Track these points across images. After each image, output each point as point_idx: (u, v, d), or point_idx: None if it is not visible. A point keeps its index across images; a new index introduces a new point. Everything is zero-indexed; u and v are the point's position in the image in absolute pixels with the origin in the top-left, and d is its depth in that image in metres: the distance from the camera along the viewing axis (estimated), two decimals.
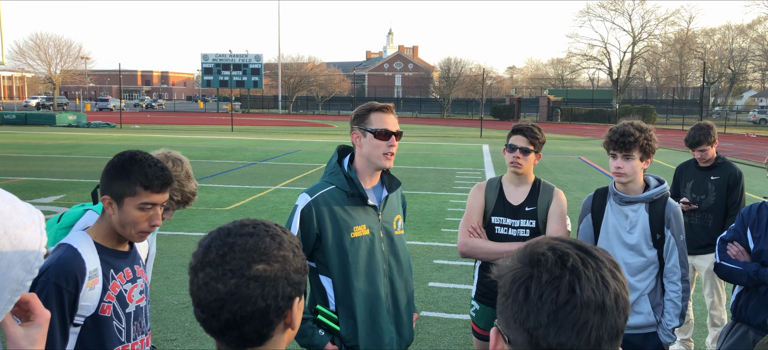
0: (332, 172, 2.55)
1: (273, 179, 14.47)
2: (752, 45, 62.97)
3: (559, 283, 0.89)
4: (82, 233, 2.00)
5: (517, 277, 0.93)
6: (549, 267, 0.91)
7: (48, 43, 60.38)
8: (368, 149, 2.49)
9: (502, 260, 1.00)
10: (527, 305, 0.90)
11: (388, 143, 2.47)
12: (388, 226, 2.59)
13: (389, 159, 2.50)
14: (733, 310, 3.06)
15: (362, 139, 2.50)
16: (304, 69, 72.04)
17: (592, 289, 0.89)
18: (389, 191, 2.61)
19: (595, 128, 43.21)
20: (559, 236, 0.99)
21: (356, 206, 2.50)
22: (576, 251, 0.94)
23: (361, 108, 2.55)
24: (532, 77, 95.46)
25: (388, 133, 2.47)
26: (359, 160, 2.54)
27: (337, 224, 2.46)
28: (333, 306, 2.51)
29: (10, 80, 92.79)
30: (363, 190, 2.49)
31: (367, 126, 2.48)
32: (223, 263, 1.11)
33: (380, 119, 2.48)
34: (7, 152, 20.07)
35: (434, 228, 9.27)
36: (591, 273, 0.91)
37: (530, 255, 0.94)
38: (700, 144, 4.60)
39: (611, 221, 3.06)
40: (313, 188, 2.53)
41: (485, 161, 19.84)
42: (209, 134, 31.56)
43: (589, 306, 0.89)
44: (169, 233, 8.56)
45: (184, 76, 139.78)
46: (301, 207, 2.47)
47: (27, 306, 1.14)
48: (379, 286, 2.53)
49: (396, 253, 2.61)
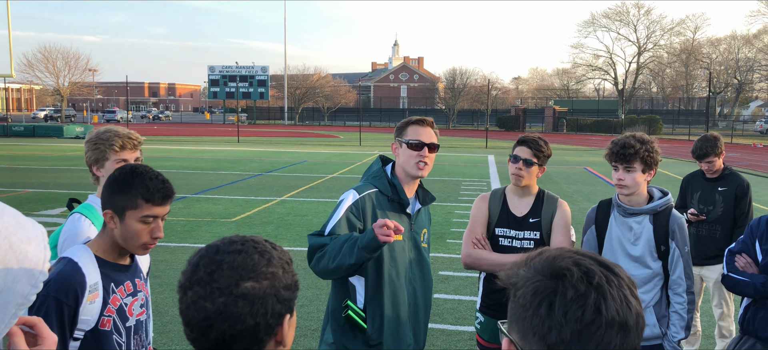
0: (376, 176, 2.69)
1: (279, 190, 14.48)
2: (758, 55, 62.76)
3: (584, 302, 0.88)
4: (83, 246, 2.00)
5: (540, 290, 0.91)
6: (574, 282, 0.90)
7: (56, 55, 60.99)
8: (404, 158, 2.65)
9: (513, 268, 0.98)
10: (550, 320, 0.89)
11: (420, 153, 2.62)
12: (417, 237, 2.73)
13: (421, 169, 2.63)
14: (740, 322, 3.03)
15: (399, 149, 2.68)
16: (310, 80, 72.31)
17: (617, 309, 0.88)
18: (422, 205, 2.76)
19: (600, 139, 43.10)
20: (578, 249, 0.98)
21: (394, 212, 2.64)
22: (600, 268, 0.92)
23: (402, 121, 2.74)
24: (537, 88, 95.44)
25: (421, 144, 2.63)
26: (398, 169, 2.70)
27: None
28: (361, 304, 2.59)
29: (18, 92, 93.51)
30: (405, 196, 2.64)
31: (403, 137, 2.66)
32: (211, 281, 1.10)
33: (416, 131, 2.65)
34: (15, 163, 20.19)
35: (439, 239, 9.25)
36: (615, 293, 0.90)
37: (552, 268, 0.92)
38: (708, 156, 4.58)
39: (615, 233, 3.05)
40: (359, 187, 2.65)
41: (491, 171, 19.82)
42: (215, 145, 31.67)
43: (613, 326, 0.88)
44: (175, 244, 8.58)
45: (190, 87, 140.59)
46: (351, 201, 2.58)
47: (35, 329, 1.14)
48: (404, 291, 2.66)
49: (421, 264, 2.75)
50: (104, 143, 2.54)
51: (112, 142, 2.54)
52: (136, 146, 2.64)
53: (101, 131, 2.61)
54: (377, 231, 2.33)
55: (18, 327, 1.11)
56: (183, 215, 10.96)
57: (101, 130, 2.62)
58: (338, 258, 2.41)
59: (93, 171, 2.59)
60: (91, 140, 2.58)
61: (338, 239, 2.46)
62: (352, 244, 2.40)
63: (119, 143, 2.54)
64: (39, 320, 1.14)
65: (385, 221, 2.32)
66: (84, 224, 2.36)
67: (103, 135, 2.57)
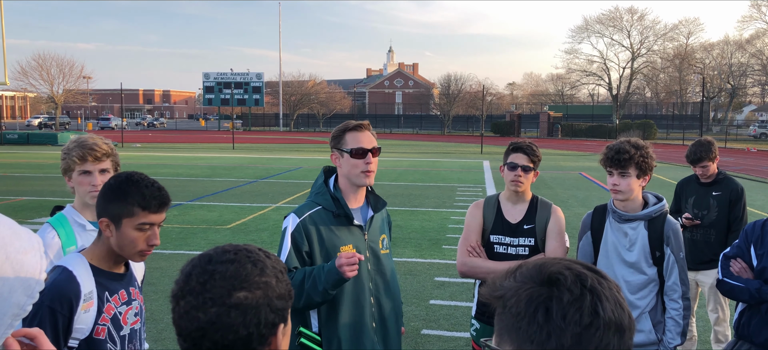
0: (318, 192, 2.56)
1: (274, 196, 14.46)
2: (751, 60, 63.18)
3: (581, 304, 0.88)
4: (78, 255, 1.99)
5: (534, 297, 0.90)
6: (569, 286, 0.89)
7: (50, 62, 60.66)
8: (347, 168, 2.51)
9: (496, 280, 0.96)
10: (549, 325, 0.87)
11: (365, 161, 2.49)
12: (374, 245, 2.60)
13: (368, 176, 2.51)
14: (735, 327, 3.03)
15: (340, 159, 2.53)
16: (305, 87, 72.39)
17: (612, 310, 0.88)
18: (374, 211, 2.63)
19: (595, 144, 43.23)
20: (561, 257, 0.98)
21: (342, 226, 2.51)
22: (590, 272, 0.92)
23: (337, 129, 2.58)
24: (532, 93, 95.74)
25: (364, 151, 2.48)
26: (342, 180, 2.56)
27: (324, 245, 2.46)
28: (315, 328, 2.48)
29: (12, 100, 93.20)
30: (349, 210, 2.51)
31: (343, 146, 2.51)
32: (203, 291, 1.09)
33: (355, 138, 2.50)
34: (9, 171, 20.09)
35: (435, 245, 9.25)
36: (609, 294, 0.90)
37: (543, 274, 0.92)
38: (702, 160, 4.60)
39: (611, 238, 3.06)
40: (300, 209, 2.52)
41: (486, 177, 19.83)
42: (211, 152, 31.62)
43: (610, 327, 0.88)
44: (170, 251, 8.55)
45: (185, 94, 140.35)
46: (291, 229, 2.46)
47: (35, 341, 1.14)
48: (364, 306, 2.52)
49: (382, 272, 2.63)
50: (68, 154, 2.54)
51: (73, 153, 2.52)
52: (100, 158, 2.53)
53: (70, 141, 2.60)
54: (346, 269, 2.27)
55: (14, 338, 1.11)
56: (178, 222, 10.93)
57: (72, 139, 2.60)
58: (303, 299, 2.35)
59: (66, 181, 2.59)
60: (62, 150, 2.58)
61: (295, 278, 2.36)
62: (313, 283, 2.33)
63: (79, 153, 2.52)
64: (39, 332, 1.14)
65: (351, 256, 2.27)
66: (47, 237, 2.34)
67: (68, 145, 2.57)
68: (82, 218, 2.48)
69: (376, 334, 2.56)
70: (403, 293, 6.75)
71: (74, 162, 2.51)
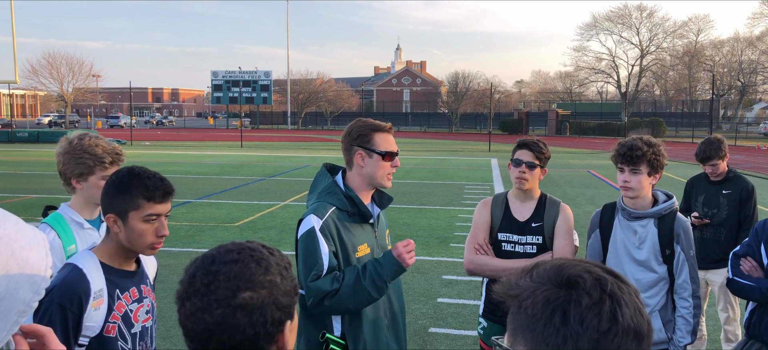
0: (329, 192, 2.51)
1: (282, 194, 14.49)
2: (762, 57, 62.61)
3: (600, 309, 0.86)
4: (88, 252, 2.00)
5: (552, 299, 0.88)
6: (588, 290, 0.87)
7: (60, 61, 61.22)
8: (373, 169, 2.48)
9: (512, 278, 0.94)
10: (565, 329, 0.86)
11: (393, 164, 2.51)
12: (382, 242, 2.62)
13: (390, 180, 2.55)
14: (746, 327, 3.01)
15: (368, 159, 2.49)
16: (312, 85, 72.44)
17: (631, 316, 0.87)
18: (381, 208, 2.63)
19: (604, 142, 43.03)
20: (581, 259, 0.96)
21: (356, 225, 2.49)
22: (610, 276, 0.91)
23: (362, 127, 2.52)
24: (540, 91, 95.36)
25: (394, 154, 2.51)
26: (356, 179, 2.52)
27: (344, 246, 2.43)
28: (337, 332, 2.44)
29: (23, 98, 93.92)
30: (365, 208, 2.49)
31: (373, 147, 2.48)
32: (208, 293, 1.09)
33: (386, 141, 2.51)
34: (19, 169, 20.24)
35: (443, 243, 9.24)
36: (628, 300, 0.88)
37: (562, 276, 0.90)
38: (711, 159, 4.56)
39: (620, 236, 3.04)
40: (317, 210, 2.44)
41: (494, 175, 19.79)
42: (219, 150, 31.72)
43: (629, 334, 0.86)
44: (178, 249, 8.59)
45: (194, 92, 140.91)
46: (319, 228, 2.38)
47: (43, 339, 1.14)
48: (379, 303, 2.52)
49: None
50: (90, 157, 2.51)
51: (105, 158, 2.52)
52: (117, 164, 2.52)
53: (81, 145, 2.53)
54: (405, 257, 2.29)
55: (21, 336, 1.11)
56: (186, 219, 10.98)
57: (82, 144, 2.53)
58: (363, 296, 2.31)
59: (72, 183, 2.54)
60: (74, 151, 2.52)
61: (348, 279, 2.32)
62: (372, 280, 2.30)
63: (110, 159, 2.51)
64: (49, 330, 1.14)
65: (408, 243, 2.31)
66: (48, 239, 2.34)
67: (86, 149, 2.51)
68: (80, 216, 2.48)
69: (389, 331, 2.57)
70: (411, 291, 6.75)
71: (98, 167, 2.48)
